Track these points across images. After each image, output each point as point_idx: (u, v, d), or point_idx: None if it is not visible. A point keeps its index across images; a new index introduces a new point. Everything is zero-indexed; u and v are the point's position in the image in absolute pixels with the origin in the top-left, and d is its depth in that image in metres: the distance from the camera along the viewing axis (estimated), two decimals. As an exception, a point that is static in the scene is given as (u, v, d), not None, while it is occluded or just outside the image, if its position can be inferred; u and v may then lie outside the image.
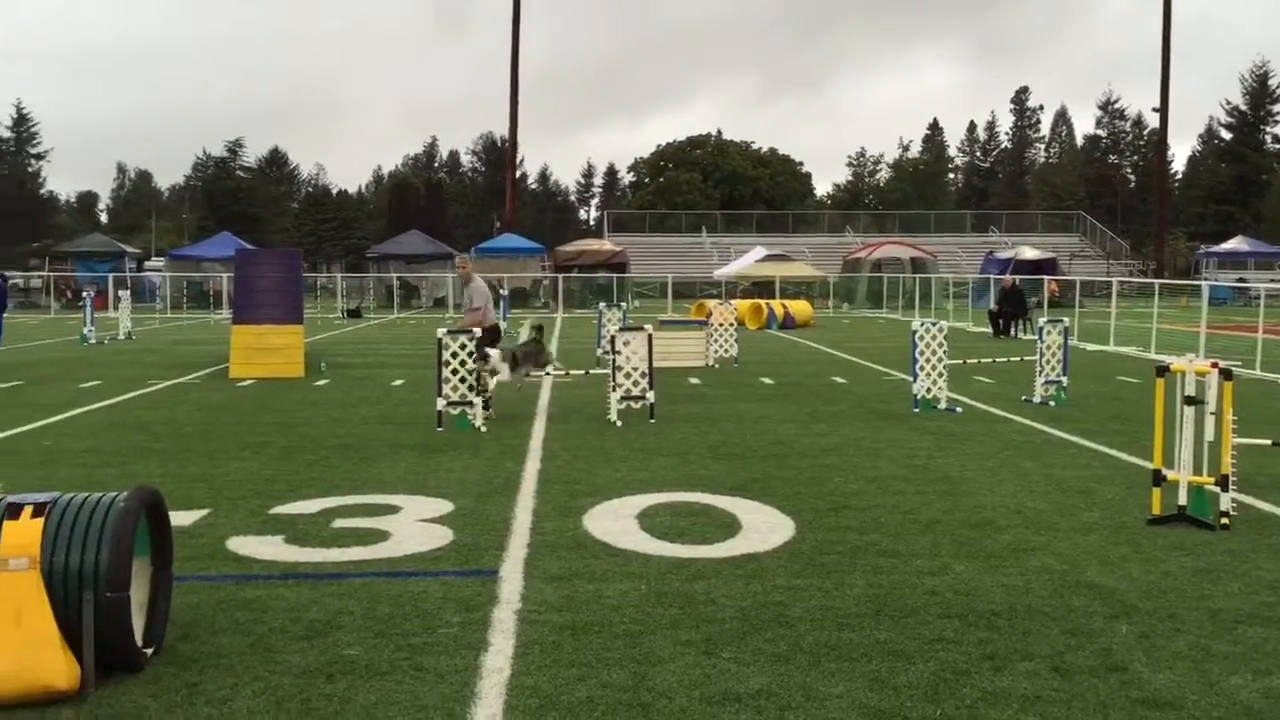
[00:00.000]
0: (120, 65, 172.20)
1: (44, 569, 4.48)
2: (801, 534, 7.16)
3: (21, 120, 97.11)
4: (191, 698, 4.42)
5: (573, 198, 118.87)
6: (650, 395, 12.45)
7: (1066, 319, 15.09)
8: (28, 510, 4.61)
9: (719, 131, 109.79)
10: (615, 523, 7.44)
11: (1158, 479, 7.59)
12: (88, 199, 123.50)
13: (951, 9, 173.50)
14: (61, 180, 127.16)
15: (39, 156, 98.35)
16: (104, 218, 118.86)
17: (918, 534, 7.17)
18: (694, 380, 16.92)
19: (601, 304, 23.46)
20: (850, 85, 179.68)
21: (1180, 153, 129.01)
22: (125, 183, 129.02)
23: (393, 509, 7.86)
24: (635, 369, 12.49)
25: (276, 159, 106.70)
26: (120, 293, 31.52)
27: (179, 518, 6.78)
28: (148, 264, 62.96)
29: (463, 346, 11.87)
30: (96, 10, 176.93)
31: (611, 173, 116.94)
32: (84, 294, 29.44)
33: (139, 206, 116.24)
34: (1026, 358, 16.28)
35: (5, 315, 18.92)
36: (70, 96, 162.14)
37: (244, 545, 6.83)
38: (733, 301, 26.29)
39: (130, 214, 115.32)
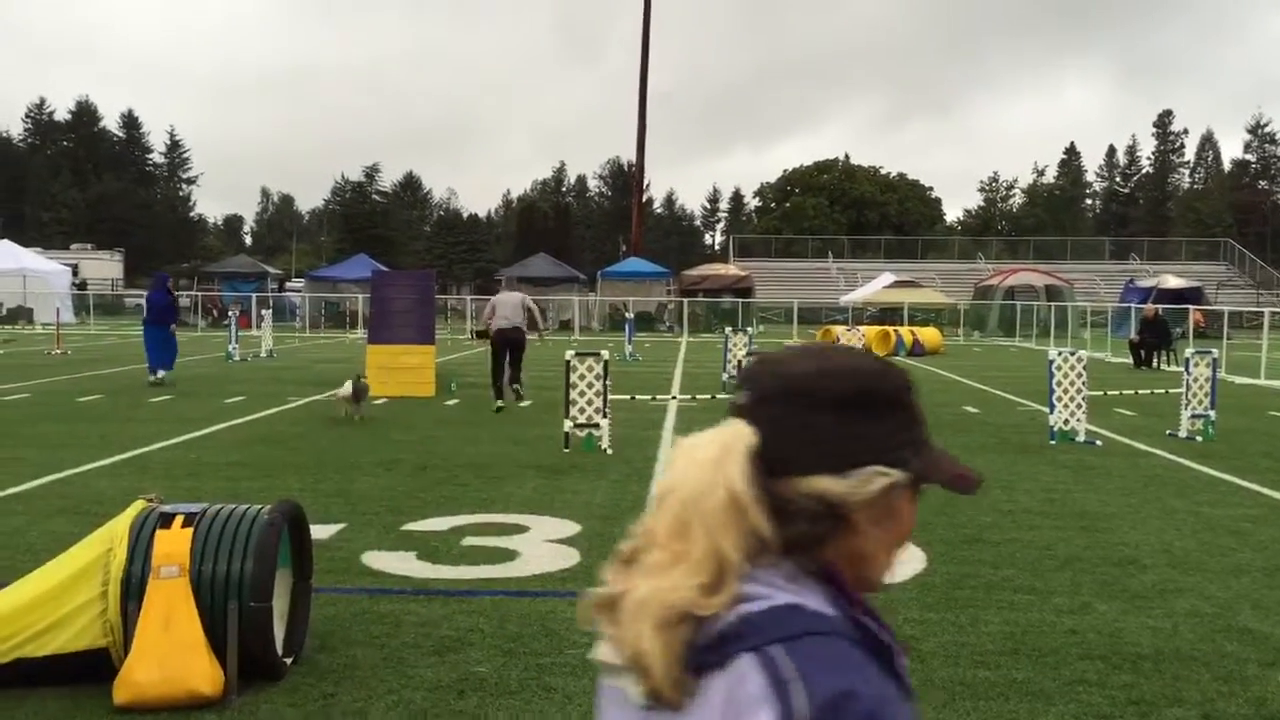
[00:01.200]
0: (264, 93, 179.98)
1: (192, 577, 4.65)
2: (933, 566, 6.98)
3: (174, 146, 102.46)
4: (328, 708, 4.52)
5: (698, 222, 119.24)
6: (777, 421, 12.30)
7: (1215, 350, 14.46)
8: (179, 520, 4.79)
9: (847, 156, 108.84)
10: (742, 549, 7.36)
11: (1317, 520, 7.20)
12: (234, 222, 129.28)
13: (1087, 31, 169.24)
14: (209, 204, 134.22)
15: (189, 181, 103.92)
16: (248, 240, 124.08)
17: (1056, 570, 6.92)
18: (820, 407, 16.69)
19: (727, 328, 23.41)
20: (982, 108, 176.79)
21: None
22: (269, 206, 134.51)
23: (521, 529, 7.94)
24: (762, 394, 12.35)
25: (411, 183, 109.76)
26: (263, 312, 32.78)
27: (317, 531, 6.95)
28: (288, 284, 65.35)
29: (590, 369, 11.96)
30: (242, 39, 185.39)
31: (737, 197, 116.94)
32: (229, 313, 30.66)
33: (280, 229, 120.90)
34: (1171, 390, 15.64)
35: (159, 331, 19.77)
36: (218, 123, 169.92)
37: (378, 560, 6.98)
38: (860, 328, 25.92)
39: (273, 236, 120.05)
